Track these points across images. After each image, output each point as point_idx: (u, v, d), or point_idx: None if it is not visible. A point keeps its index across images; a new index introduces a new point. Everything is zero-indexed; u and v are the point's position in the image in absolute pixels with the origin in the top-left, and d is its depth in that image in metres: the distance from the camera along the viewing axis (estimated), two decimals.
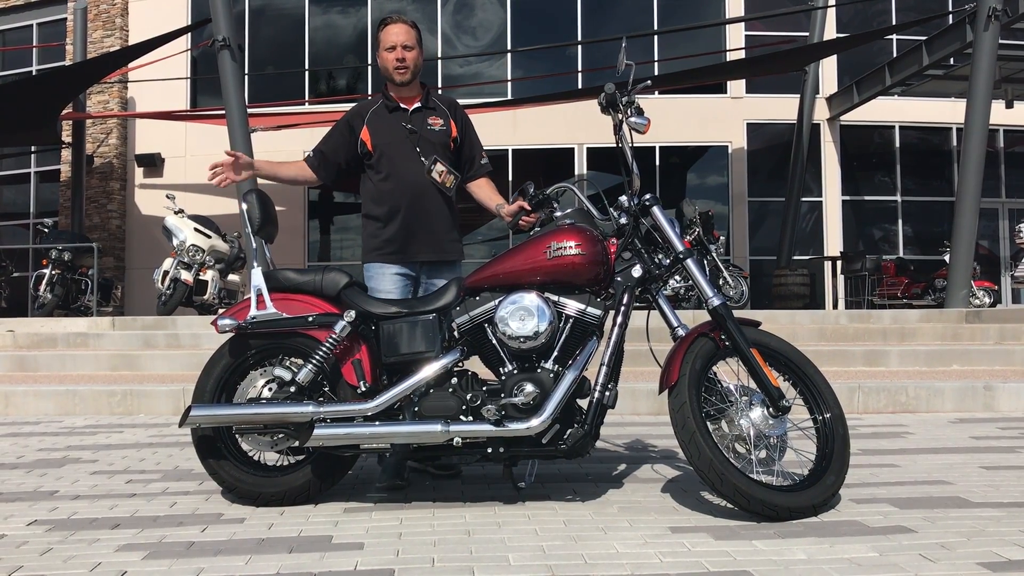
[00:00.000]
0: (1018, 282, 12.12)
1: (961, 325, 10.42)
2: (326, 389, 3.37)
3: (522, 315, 3.15)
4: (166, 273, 11.90)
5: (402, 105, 3.75)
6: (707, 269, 11.41)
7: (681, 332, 3.31)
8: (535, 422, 3.08)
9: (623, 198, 3.42)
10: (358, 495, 3.48)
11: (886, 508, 3.20)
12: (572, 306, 3.22)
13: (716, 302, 3.22)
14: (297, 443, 3.24)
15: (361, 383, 3.27)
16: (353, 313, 3.29)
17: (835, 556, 2.62)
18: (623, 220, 3.37)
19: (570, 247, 3.20)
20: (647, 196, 3.35)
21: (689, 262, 3.28)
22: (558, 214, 3.50)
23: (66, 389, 6.17)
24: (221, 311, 3.43)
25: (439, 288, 3.42)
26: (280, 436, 3.29)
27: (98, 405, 6.06)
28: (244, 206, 3.51)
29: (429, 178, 3.67)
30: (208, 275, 12.17)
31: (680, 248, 3.29)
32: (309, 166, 3.80)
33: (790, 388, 3.34)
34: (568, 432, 3.16)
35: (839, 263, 17.43)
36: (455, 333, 3.30)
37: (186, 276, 11.75)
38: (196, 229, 12.13)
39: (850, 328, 9.43)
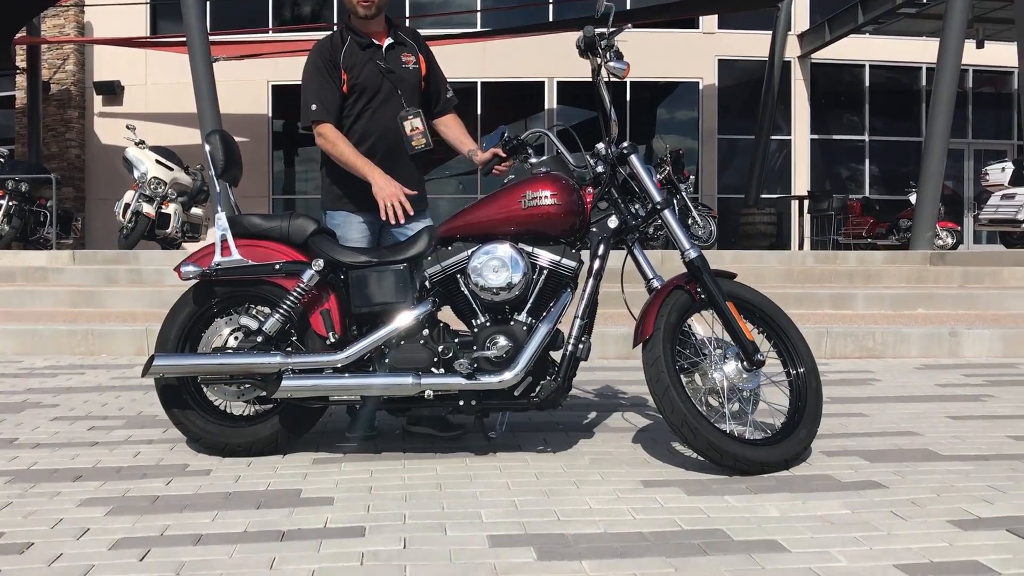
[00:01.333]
0: (982, 224, 12.22)
1: (925, 267, 10.51)
2: (294, 339, 3.30)
3: (495, 266, 3.08)
4: (127, 206, 11.64)
5: (375, 41, 3.59)
6: (677, 210, 11.36)
7: (656, 284, 3.27)
8: (508, 375, 3.03)
9: (600, 145, 3.33)
10: (327, 445, 3.43)
11: (856, 461, 3.21)
12: (547, 257, 3.15)
13: (693, 254, 3.16)
14: (264, 394, 3.17)
15: (330, 334, 3.19)
16: (321, 262, 3.19)
17: (807, 513, 2.62)
18: (600, 168, 3.29)
19: (545, 197, 3.12)
20: (625, 144, 3.27)
21: (666, 212, 3.22)
22: (533, 160, 3.41)
23: (26, 328, 6.03)
24: (184, 257, 3.32)
25: (410, 237, 3.32)
26: (247, 387, 3.22)
27: (59, 345, 5.94)
28: (207, 147, 3.38)
29: (400, 124, 3.54)
30: (170, 208, 11.94)
31: (658, 199, 3.22)
32: (335, 126, 3.53)
33: (764, 340, 3.32)
34: (540, 385, 3.12)
35: (806, 202, 17.50)
36: (426, 283, 3.23)
37: (148, 209, 11.51)
38: (158, 161, 11.86)
39: (817, 270, 9.47)
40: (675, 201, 11.52)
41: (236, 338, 3.27)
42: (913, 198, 16.82)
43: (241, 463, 3.20)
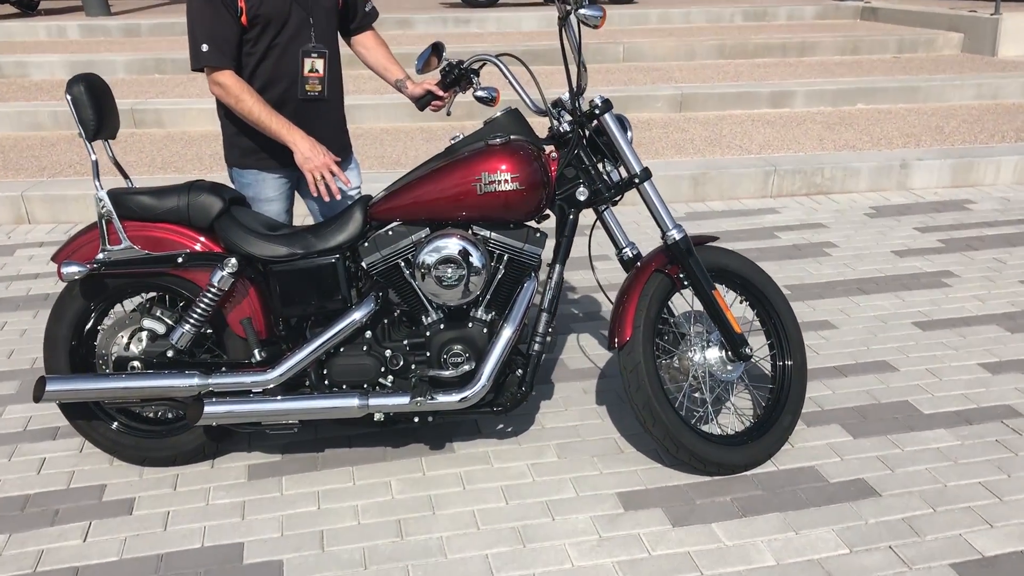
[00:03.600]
0: None
1: (857, 28, 10.00)
2: (211, 339, 2.81)
3: (449, 265, 2.58)
4: None
5: None
6: None
7: (629, 253, 2.84)
8: (469, 393, 2.64)
9: (565, 97, 2.75)
10: (260, 439, 3.04)
11: (838, 436, 3.01)
12: (509, 244, 2.66)
13: (677, 235, 2.72)
14: (186, 420, 2.73)
15: (256, 350, 2.70)
16: (234, 261, 2.64)
17: (803, 557, 2.44)
18: (565, 126, 2.73)
19: (505, 180, 2.57)
20: (597, 102, 2.69)
21: (646, 186, 2.73)
22: (480, 93, 2.81)
23: None
24: (61, 247, 2.71)
25: (340, 214, 2.74)
26: (163, 408, 2.78)
27: None
28: (68, 99, 2.65)
29: (300, 60, 2.84)
30: None
31: (637, 169, 2.71)
32: (233, 71, 2.79)
33: (747, 308, 3.00)
34: (505, 391, 2.75)
35: None
36: (363, 265, 2.72)
37: None
38: None
39: (750, 42, 8.86)
40: None
41: (139, 340, 2.77)
42: None
43: (166, 480, 2.82)
